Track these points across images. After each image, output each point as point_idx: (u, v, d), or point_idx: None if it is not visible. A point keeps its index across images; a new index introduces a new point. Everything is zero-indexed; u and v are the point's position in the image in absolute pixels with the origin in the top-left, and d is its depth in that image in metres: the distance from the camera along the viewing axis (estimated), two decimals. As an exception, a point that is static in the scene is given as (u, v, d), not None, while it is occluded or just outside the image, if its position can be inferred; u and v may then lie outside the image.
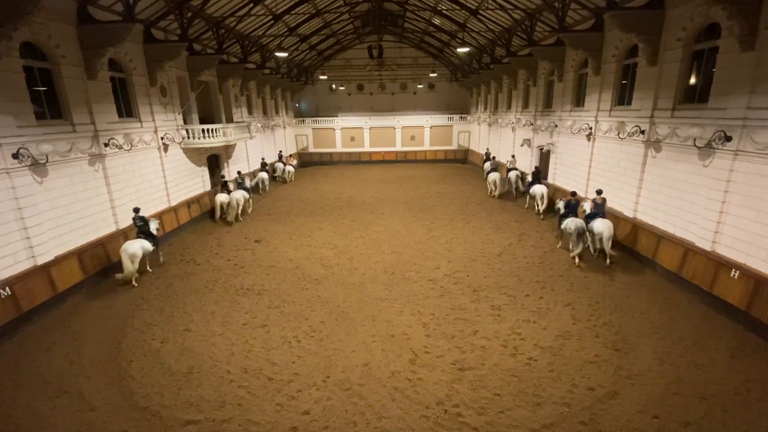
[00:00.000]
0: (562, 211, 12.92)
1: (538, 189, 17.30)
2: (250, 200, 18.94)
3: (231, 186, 18.44)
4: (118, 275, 11.03)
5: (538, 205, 17.32)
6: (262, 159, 26.10)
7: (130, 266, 10.85)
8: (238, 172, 19.64)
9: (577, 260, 11.84)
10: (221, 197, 17.32)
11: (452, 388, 6.82)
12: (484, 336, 8.36)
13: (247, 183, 18.71)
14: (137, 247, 11.11)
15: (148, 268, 12.15)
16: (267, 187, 24.13)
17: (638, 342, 8.02)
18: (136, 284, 11.16)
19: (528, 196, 18.40)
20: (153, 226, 12.27)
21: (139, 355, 8.02)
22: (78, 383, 7.21)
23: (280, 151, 30.15)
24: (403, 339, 8.32)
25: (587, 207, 12.41)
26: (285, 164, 28.36)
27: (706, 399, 6.44)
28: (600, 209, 12.08)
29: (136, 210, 12.10)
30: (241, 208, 17.69)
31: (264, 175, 24.00)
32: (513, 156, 22.46)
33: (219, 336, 8.60)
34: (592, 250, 12.45)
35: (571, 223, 11.94)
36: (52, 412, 6.54)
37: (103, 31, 11.42)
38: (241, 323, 9.10)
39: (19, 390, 7.07)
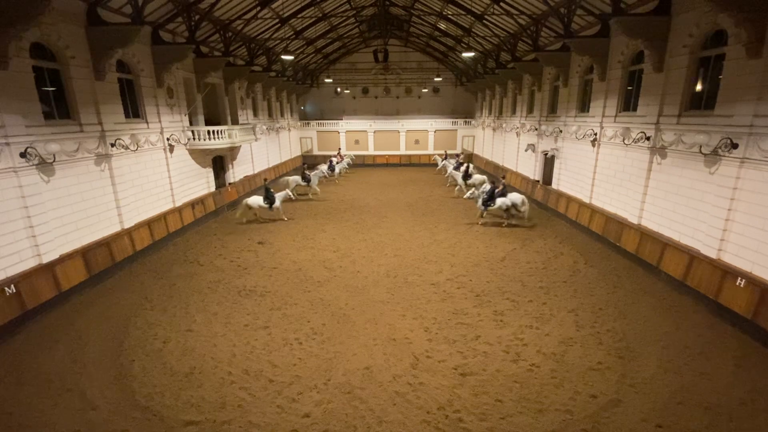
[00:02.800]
0: (485, 196, 16.50)
1: (516, 197, 16.81)
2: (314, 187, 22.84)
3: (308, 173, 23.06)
4: (237, 214, 17.37)
5: (517, 213, 16.65)
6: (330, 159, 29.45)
7: (241, 212, 17.23)
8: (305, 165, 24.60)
9: (481, 221, 16.53)
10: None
11: (454, 394, 6.78)
12: (487, 341, 8.31)
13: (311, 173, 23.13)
14: (252, 201, 17.24)
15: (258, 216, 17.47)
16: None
17: (642, 350, 7.94)
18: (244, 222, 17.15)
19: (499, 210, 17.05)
20: (278, 197, 17.52)
21: (141, 354, 8.04)
22: (80, 382, 7.23)
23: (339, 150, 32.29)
24: (405, 343, 8.29)
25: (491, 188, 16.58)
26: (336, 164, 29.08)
27: (711, 408, 6.36)
28: (504, 190, 16.76)
29: (265, 180, 19.47)
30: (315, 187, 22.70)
31: (324, 167, 26.47)
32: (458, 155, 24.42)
33: (221, 337, 8.61)
34: (507, 216, 16.46)
35: (502, 202, 16.18)
36: (53, 411, 6.56)
37: (112, 32, 11.56)
38: (243, 324, 9.11)
39: (22, 387, 7.10)
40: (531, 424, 6.13)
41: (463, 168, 24.30)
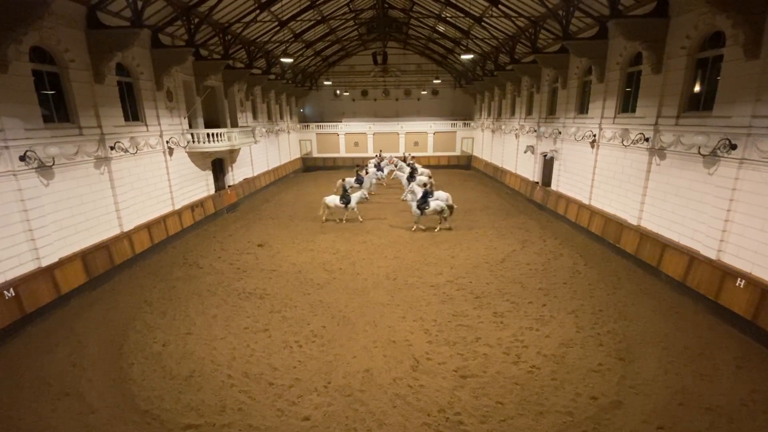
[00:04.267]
0: (419, 198, 16.20)
1: (442, 196, 16.95)
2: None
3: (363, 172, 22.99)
4: (319, 212, 17.63)
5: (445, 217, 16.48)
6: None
7: (322, 210, 17.45)
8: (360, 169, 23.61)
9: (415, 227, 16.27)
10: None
11: (454, 396, 6.76)
12: (487, 343, 8.30)
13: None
14: (330, 199, 17.40)
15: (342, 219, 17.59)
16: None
17: (643, 351, 7.94)
18: (324, 221, 17.42)
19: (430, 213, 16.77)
20: (354, 198, 17.35)
21: (140, 358, 8.02)
22: (79, 385, 7.21)
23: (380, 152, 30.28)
24: (405, 345, 8.28)
25: (419, 191, 16.49)
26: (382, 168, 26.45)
27: (712, 410, 6.35)
28: (431, 190, 16.79)
29: (343, 179, 19.28)
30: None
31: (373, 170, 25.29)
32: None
33: (220, 340, 8.59)
34: (440, 219, 16.32)
35: (437, 204, 16.04)
36: (52, 414, 6.53)
37: (112, 36, 11.58)
38: (243, 327, 9.09)
39: (21, 391, 7.08)
40: (532, 426, 6.11)
41: (407, 170, 24.33)
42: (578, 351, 7.97)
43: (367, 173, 23.67)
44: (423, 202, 16.00)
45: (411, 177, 22.42)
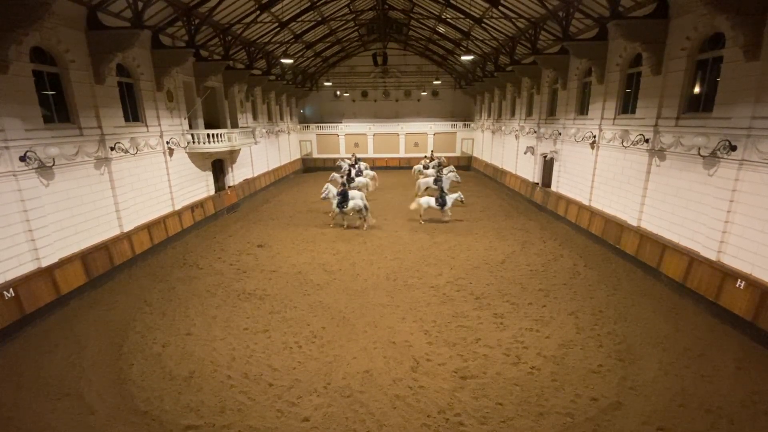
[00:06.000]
0: (339, 197, 16.65)
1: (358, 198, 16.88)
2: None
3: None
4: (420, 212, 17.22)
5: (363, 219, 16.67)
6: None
7: (416, 208, 17.14)
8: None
9: (333, 223, 16.67)
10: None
11: (454, 397, 6.76)
12: (487, 344, 8.30)
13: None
14: (425, 201, 17.07)
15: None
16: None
17: (643, 352, 7.93)
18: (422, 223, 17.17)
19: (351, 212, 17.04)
20: (450, 200, 17.10)
21: (140, 358, 8.01)
22: (79, 386, 7.20)
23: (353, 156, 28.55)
24: (405, 346, 8.27)
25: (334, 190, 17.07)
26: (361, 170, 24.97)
27: (712, 411, 6.35)
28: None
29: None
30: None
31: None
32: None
33: (220, 340, 8.58)
34: (361, 217, 16.65)
35: (355, 204, 16.43)
36: (52, 415, 6.53)
37: (112, 37, 11.59)
38: (243, 328, 9.09)
39: (20, 392, 7.07)
40: (532, 428, 6.10)
41: (345, 168, 24.45)
42: (578, 352, 7.96)
43: (348, 175, 22.55)
44: (342, 201, 16.46)
45: (349, 179, 21.75)
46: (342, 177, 22.03)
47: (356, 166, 25.92)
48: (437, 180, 20.93)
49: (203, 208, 17.95)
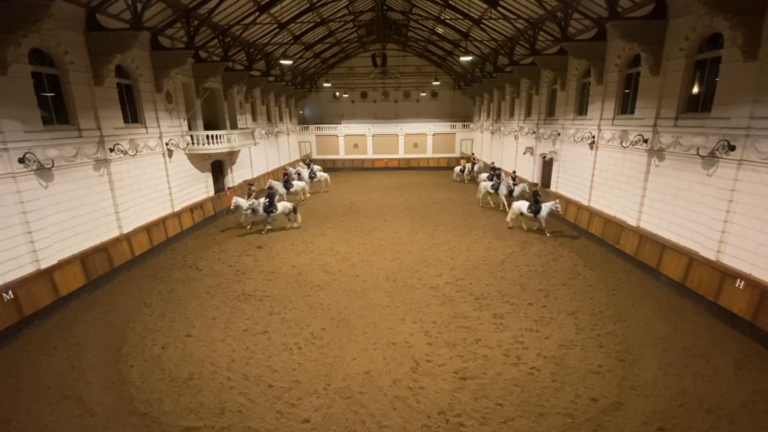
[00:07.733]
0: (266, 202, 16.77)
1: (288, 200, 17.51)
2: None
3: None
4: (507, 218, 16.72)
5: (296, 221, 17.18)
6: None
7: (510, 216, 16.36)
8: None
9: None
10: None
11: (454, 398, 6.75)
12: (486, 345, 8.30)
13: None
14: (518, 205, 16.13)
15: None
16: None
17: (642, 352, 7.93)
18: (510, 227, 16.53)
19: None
20: (545, 207, 15.52)
21: (139, 360, 8.00)
22: (78, 388, 7.19)
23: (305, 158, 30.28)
24: (405, 347, 8.27)
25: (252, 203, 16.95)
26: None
27: (712, 411, 6.35)
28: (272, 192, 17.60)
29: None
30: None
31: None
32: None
33: (220, 342, 8.57)
34: (289, 220, 17.08)
35: (284, 206, 16.82)
36: (51, 417, 6.51)
37: (111, 38, 11.59)
38: (243, 329, 9.08)
39: (20, 394, 7.06)
40: (532, 428, 6.10)
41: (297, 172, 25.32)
42: (578, 352, 7.96)
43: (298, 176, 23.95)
44: (270, 206, 16.81)
45: (287, 184, 22.10)
46: (285, 178, 23.19)
47: (310, 167, 27.38)
48: (495, 185, 20.28)
49: (203, 210, 17.94)
